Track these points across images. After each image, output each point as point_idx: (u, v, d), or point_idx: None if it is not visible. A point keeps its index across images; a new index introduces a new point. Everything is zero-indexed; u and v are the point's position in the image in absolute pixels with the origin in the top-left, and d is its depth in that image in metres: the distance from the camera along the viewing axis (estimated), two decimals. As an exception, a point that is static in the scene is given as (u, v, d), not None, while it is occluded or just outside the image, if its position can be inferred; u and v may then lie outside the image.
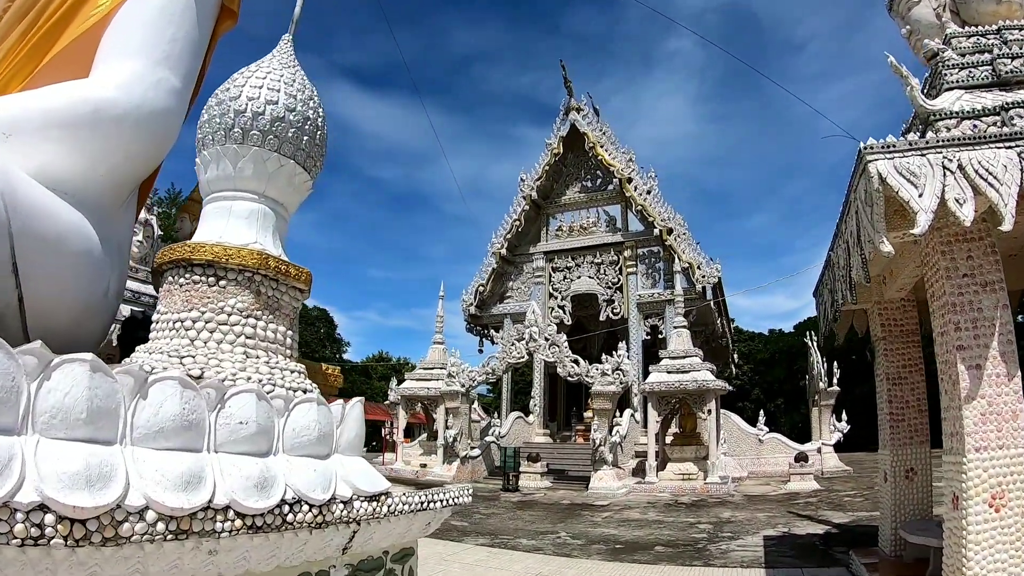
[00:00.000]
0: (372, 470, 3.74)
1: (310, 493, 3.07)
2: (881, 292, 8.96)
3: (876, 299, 9.06)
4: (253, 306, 3.90)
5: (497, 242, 33.63)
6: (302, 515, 3.00)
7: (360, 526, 3.45)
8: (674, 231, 29.08)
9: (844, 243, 6.89)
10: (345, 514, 3.29)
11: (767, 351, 64.63)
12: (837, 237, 7.51)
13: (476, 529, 13.39)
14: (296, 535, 3.02)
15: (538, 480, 22.02)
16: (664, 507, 16.85)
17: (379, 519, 3.57)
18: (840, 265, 7.21)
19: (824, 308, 8.94)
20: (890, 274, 8.37)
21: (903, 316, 8.96)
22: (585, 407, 29.24)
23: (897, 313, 8.97)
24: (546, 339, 22.82)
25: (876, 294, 9.03)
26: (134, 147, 4.00)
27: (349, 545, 3.49)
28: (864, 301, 9.22)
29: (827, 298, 8.63)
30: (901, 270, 7.82)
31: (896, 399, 8.67)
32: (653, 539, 12.00)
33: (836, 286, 7.73)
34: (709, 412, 20.51)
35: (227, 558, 2.73)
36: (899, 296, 8.80)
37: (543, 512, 16.17)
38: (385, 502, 3.58)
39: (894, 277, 8.21)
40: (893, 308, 8.99)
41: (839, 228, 7.32)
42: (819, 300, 9.57)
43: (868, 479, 21.83)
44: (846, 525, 12.77)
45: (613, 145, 32.23)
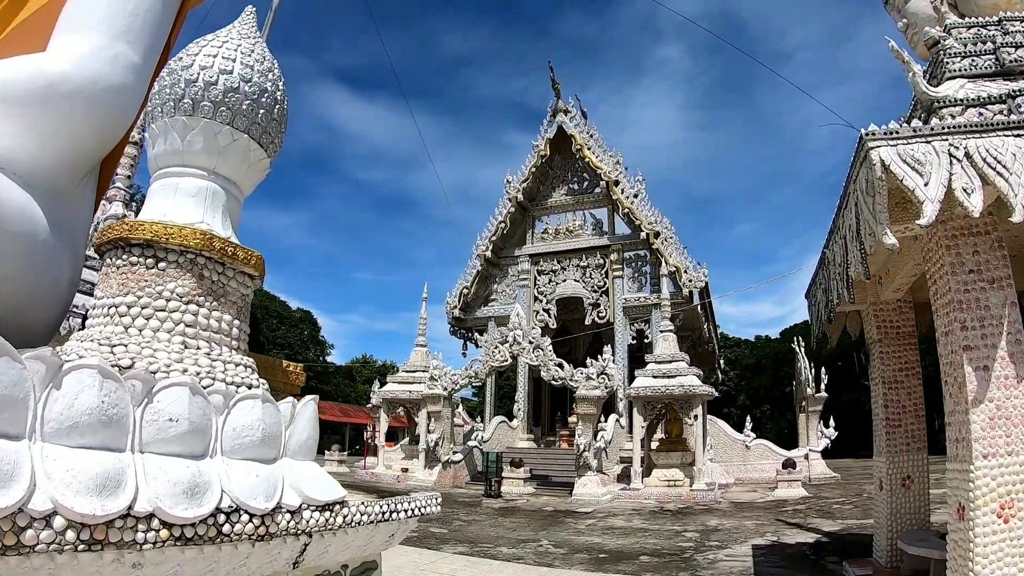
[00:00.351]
0: (326, 477, 3.39)
1: (250, 501, 2.74)
2: (877, 293, 8.64)
3: (872, 300, 8.73)
4: (195, 291, 3.55)
5: (482, 244, 33.22)
6: (241, 526, 2.66)
7: (312, 538, 3.11)
8: (661, 234, 28.75)
9: (841, 238, 6.55)
10: (293, 525, 2.95)
11: (753, 356, 64.45)
12: (833, 233, 7.17)
13: (455, 536, 12.99)
14: (236, 548, 2.69)
15: (521, 486, 21.61)
16: (649, 514, 16.48)
17: (334, 531, 3.22)
18: (836, 262, 6.88)
19: (817, 309, 8.60)
20: (887, 274, 8.04)
21: (900, 318, 8.63)
22: (570, 412, 28.83)
23: (893, 315, 8.64)
24: (530, 342, 22.45)
25: (872, 295, 8.70)
26: (88, 124, 3.66)
27: (301, 559, 3.15)
28: (859, 302, 8.89)
29: (820, 298, 8.29)
30: (899, 269, 7.49)
31: (892, 404, 8.33)
32: (638, 548, 11.62)
33: (831, 285, 7.40)
34: (695, 417, 20.18)
35: (155, 572, 2.38)
36: (895, 297, 8.47)
37: (525, 519, 15.77)
38: (340, 512, 3.23)
39: (891, 277, 7.88)
40: (889, 310, 8.66)
41: (835, 223, 6.98)
42: (811, 301, 9.23)
43: (856, 486, 21.56)
44: (837, 533, 12.43)
45: (600, 148, 31.90)
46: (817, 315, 8.63)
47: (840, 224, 6.63)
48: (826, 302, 7.79)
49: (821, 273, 8.22)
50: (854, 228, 5.82)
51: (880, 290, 8.48)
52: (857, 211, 5.70)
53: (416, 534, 12.98)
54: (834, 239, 7.03)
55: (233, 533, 2.62)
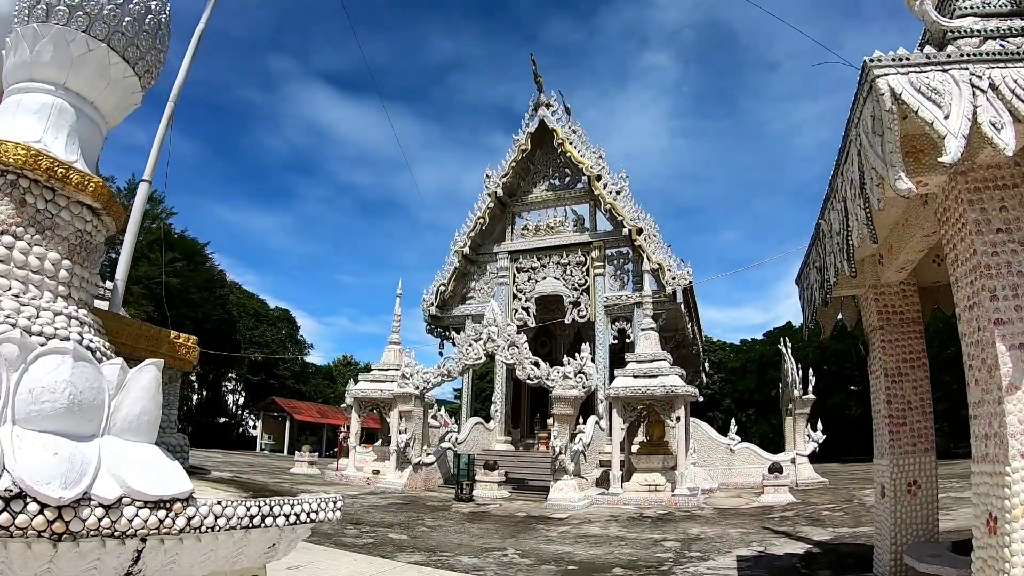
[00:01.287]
0: (168, 466, 2.51)
1: (41, 486, 1.99)
2: (877, 275, 7.65)
3: (871, 283, 7.73)
4: (12, 219, 2.75)
5: (460, 240, 32.14)
6: (27, 517, 1.93)
7: (146, 544, 2.30)
8: (644, 231, 27.79)
9: (840, 201, 5.57)
10: (108, 524, 2.14)
11: (738, 360, 63.73)
12: (829, 199, 6.19)
13: (415, 543, 11.94)
14: (29, 548, 1.96)
15: (495, 490, 20.58)
16: (627, 521, 15.49)
17: (178, 536, 2.39)
18: (834, 231, 5.89)
19: (810, 292, 7.58)
20: (889, 251, 7.04)
21: (903, 303, 7.64)
22: (550, 413, 27.85)
23: (896, 299, 7.65)
24: (505, 340, 21.42)
25: (871, 277, 7.71)
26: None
27: (136, 570, 2.32)
28: (858, 285, 7.90)
29: (814, 280, 7.29)
30: (904, 243, 6.49)
31: (897, 399, 7.34)
32: (612, 559, 10.60)
33: (827, 262, 6.42)
34: (678, 419, 19.23)
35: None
36: (898, 279, 7.48)
37: (495, 525, 14.75)
38: (182, 513, 2.40)
39: (894, 254, 6.89)
40: (891, 294, 7.66)
41: (832, 187, 6.00)
42: (803, 286, 8.23)
43: (846, 491, 20.66)
44: (828, 544, 11.42)
45: (583, 143, 30.90)
46: (810, 300, 7.61)
47: (838, 185, 5.65)
48: (821, 283, 6.80)
49: (814, 251, 7.23)
50: (857, 182, 4.84)
51: (881, 271, 7.50)
52: (861, 160, 4.72)
53: (372, 540, 12.07)
54: (831, 205, 6.06)
55: (15, 526, 1.91)
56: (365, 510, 16.56)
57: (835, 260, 6.00)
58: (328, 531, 12.63)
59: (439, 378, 22.74)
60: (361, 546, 11.35)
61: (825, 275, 6.57)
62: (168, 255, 47.00)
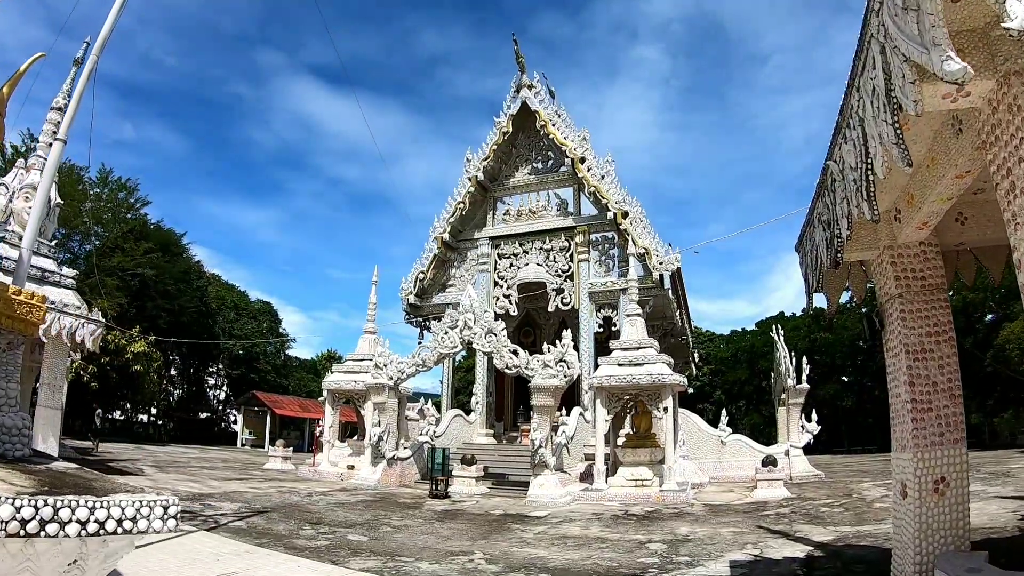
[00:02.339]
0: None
1: None
2: (893, 234, 6.47)
3: (887, 244, 6.54)
4: None
5: (439, 226, 30.84)
6: None
7: None
8: (629, 214, 26.57)
9: (857, 126, 4.39)
10: None
11: (729, 350, 62.80)
12: (838, 132, 5.00)
13: (373, 547, 10.74)
14: None
15: (473, 485, 19.38)
16: (611, 520, 14.33)
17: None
18: (850, 167, 4.72)
19: (815, 255, 6.38)
20: (909, 202, 5.86)
21: (925, 266, 6.45)
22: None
23: (917, 262, 6.45)
24: (482, 327, 20.21)
25: (887, 237, 6.52)
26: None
27: None
28: (870, 247, 6.72)
29: (819, 240, 6.11)
30: (929, 190, 5.31)
31: (920, 380, 6.15)
32: (590, 565, 9.43)
33: (838, 212, 5.25)
34: (665, 410, 18.07)
35: None
36: (919, 238, 6.30)
37: (467, 525, 13.57)
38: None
39: (915, 206, 5.71)
40: (911, 256, 6.47)
41: (843, 114, 4.81)
42: (805, 251, 7.04)
43: (843, 485, 19.59)
44: (832, 546, 10.24)
45: (567, 126, 29.63)
46: (815, 264, 6.42)
47: (852, 107, 4.47)
48: (830, 239, 5.63)
49: (820, 203, 6.04)
50: (882, 89, 3.66)
51: (898, 229, 6.33)
52: (886, 58, 3.55)
53: (328, 542, 10.91)
54: (842, 136, 4.89)
55: None
56: (330, 508, 15.41)
57: (849, 206, 4.84)
58: (282, 532, 11.57)
59: (414, 368, 21.52)
60: (312, 549, 10.20)
61: (836, 229, 5.41)
62: (143, 245, 45.67)
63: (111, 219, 47.21)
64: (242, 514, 13.56)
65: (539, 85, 30.66)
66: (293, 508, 15.10)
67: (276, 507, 15.05)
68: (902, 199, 5.99)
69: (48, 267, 16.78)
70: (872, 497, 16.26)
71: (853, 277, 7.72)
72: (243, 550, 9.74)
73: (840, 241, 5.38)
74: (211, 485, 18.76)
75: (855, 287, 7.74)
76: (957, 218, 6.52)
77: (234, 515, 13.35)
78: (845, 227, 5.14)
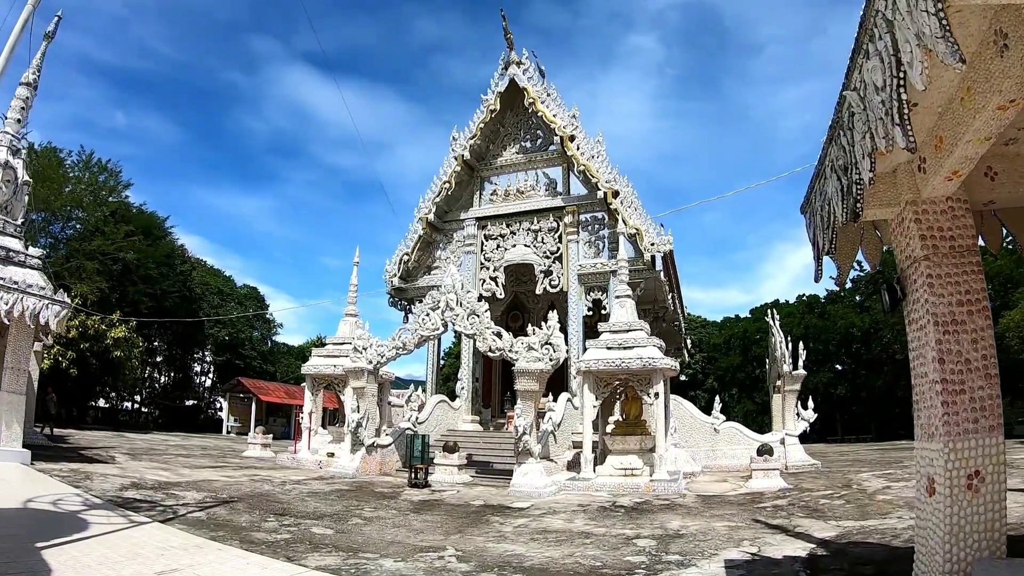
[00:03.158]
0: None
1: None
2: (916, 187, 5.56)
3: (909, 199, 5.63)
4: None
5: (425, 207, 29.81)
6: None
7: None
8: (620, 193, 25.62)
9: (884, 34, 3.52)
10: None
11: (721, 336, 62.02)
12: (858, 52, 4.11)
13: (338, 541, 9.84)
14: None
15: (455, 474, 18.50)
16: (597, 512, 13.43)
17: None
18: (877, 87, 3.81)
19: (828, 209, 5.45)
20: (937, 147, 4.92)
21: (954, 225, 5.52)
22: (521, 390, 25.83)
23: (944, 220, 5.53)
24: (465, 308, 19.27)
25: (909, 190, 5.59)
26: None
27: None
28: (888, 204, 5.81)
29: (832, 192, 5.18)
30: (964, 128, 4.38)
31: (951, 357, 5.23)
32: (570, 565, 8.51)
33: (857, 152, 4.36)
34: (656, 396, 17.18)
35: None
36: (946, 192, 5.38)
37: (443, 517, 12.68)
38: None
39: (944, 151, 4.79)
40: (938, 212, 5.54)
41: (864, 29, 3.92)
42: (814, 208, 6.13)
43: (841, 475, 18.73)
44: (835, 543, 9.33)
45: (556, 104, 28.61)
46: (827, 221, 5.49)
47: (880, 8, 3.57)
48: (847, 188, 4.72)
49: (833, 148, 5.12)
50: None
51: (922, 181, 5.42)
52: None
53: (289, 536, 10.03)
54: (863, 55, 3.99)
55: None
56: (301, 498, 14.53)
57: (874, 139, 3.96)
58: (243, 524, 10.70)
59: (394, 351, 20.57)
60: (270, 544, 9.31)
61: (854, 174, 4.51)
62: (123, 228, 44.59)
63: (92, 202, 46.09)
64: (205, 504, 12.69)
65: (528, 62, 29.59)
66: (262, 498, 14.22)
67: (244, 497, 14.17)
68: (928, 145, 5.08)
69: (12, 247, 16.07)
70: (873, 488, 15.40)
71: (866, 242, 6.80)
72: (193, 544, 8.88)
73: (860, 188, 4.48)
74: (181, 473, 17.85)
75: (868, 253, 6.82)
76: (986, 173, 5.65)
77: (196, 505, 12.49)
78: (868, 169, 4.25)
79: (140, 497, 12.85)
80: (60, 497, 11.73)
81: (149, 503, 12.14)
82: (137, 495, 13.08)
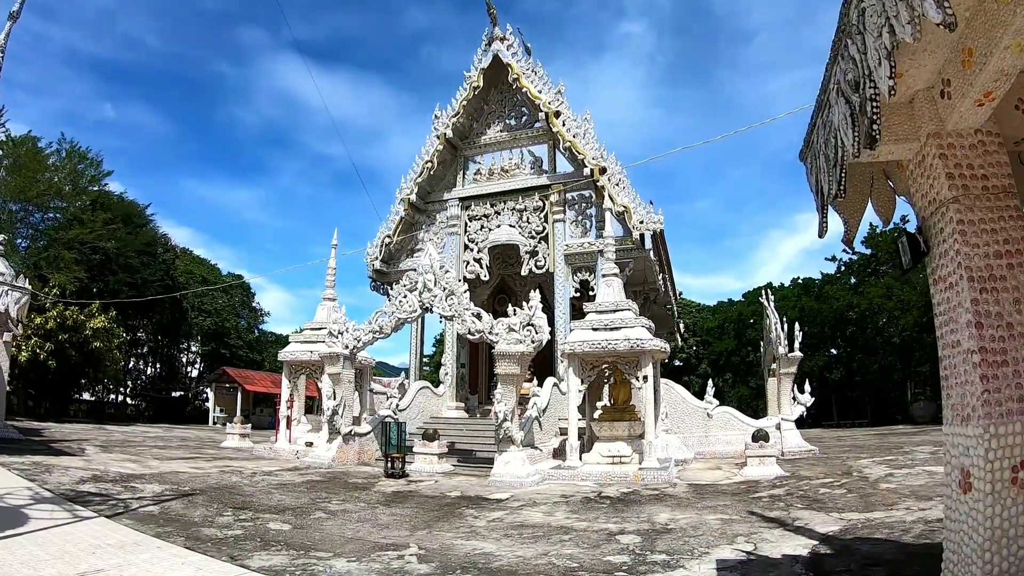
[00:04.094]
0: None
1: None
2: (940, 117, 4.57)
3: (931, 131, 4.64)
4: None
5: (407, 187, 28.66)
6: None
7: None
8: (607, 170, 24.59)
9: None
10: None
11: (715, 320, 61.14)
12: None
13: (292, 538, 8.88)
14: None
15: (435, 463, 17.54)
16: (581, 503, 12.48)
17: None
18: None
19: (836, 142, 4.47)
20: (965, 63, 3.92)
21: (986, 162, 4.53)
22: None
23: (975, 156, 4.53)
24: (443, 289, 18.26)
25: (931, 121, 4.59)
26: None
27: None
28: (904, 138, 4.83)
29: (841, 116, 4.21)
30: (995, 35, 3.43)
31: (991, 320, 4.24)
32: (543, 566, 7.54)
33: (870, 60, 3.43)
34: (645, 379, 16.22)
35: None
36: (976, 121, 4.39)
37: (414, 510, 11.72)
38: None
39: (974, 65, 3.81)
40: (967, 147, 4.54)
41: None
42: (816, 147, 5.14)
43: (839, 461, 17.84)
44: (839, 538, 8.38)
45: (542, 81, 27.48)
46: (834, 157, 4.49)
47: None
48: (859, 107, 3.76)
49: (839, 66, 4.15)
50: None
51: (947, 110, 4.44)
52: None
53: (241, 532, 9.17)
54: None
55: None
56: (267, 490, 13.61)
57: (895, 31, 3.04)
58: (195, 519, 9.87)
59: (370, 335, 19.56)
60: (217, 541, 8.44)
61: (868, 89, 3.57)
62: (101, 216, 43.48)
63: (72, 191, 44.93)
64: (163, 498, 11.88)
65: (512, 38, 28.41)
66: (226, 490, 13.33)
67: (207, 489, 13.31)
68: (953, 63, 4.12)
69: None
70: (875, 476, 14.48)
71: (877, 193, 5.83)
72: (132, 541, 8.10)
73: (877, 103, 3.54)
74: (150, 465, 17.01)
75: (880, 205, 5.85)
76: (1017, 105, 4.70)
77: (153, 499, 11.68)
78: (886, 76, 3.33)
79: (96, 491, 12.18)
80: (9, 491, 11.14)
81: (103, 496, 11.49)
82: (93, 488, 12.42)
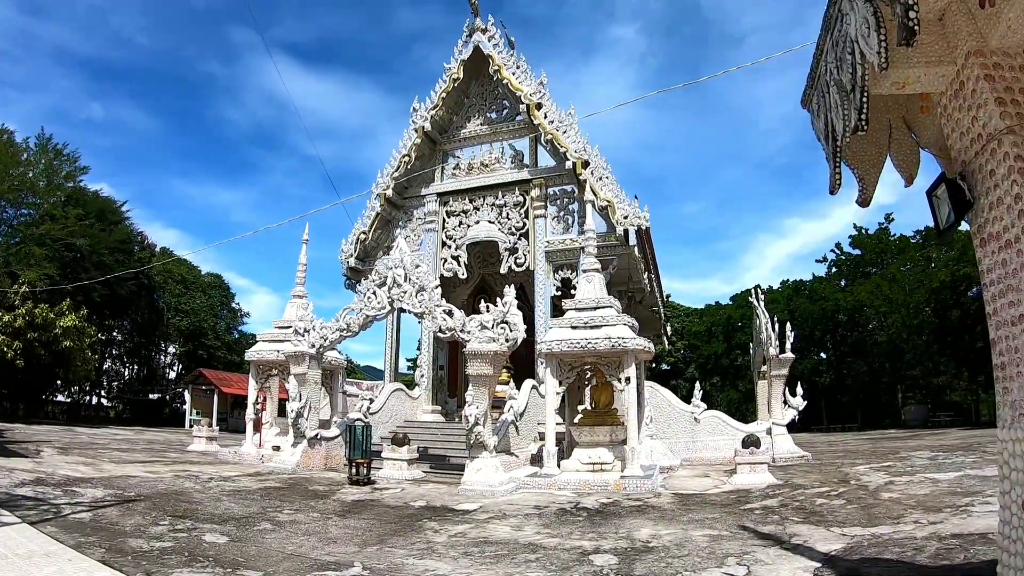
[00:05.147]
0: None
1: None
2: (980, 32, 3.52)
3: (972, 48, 3.58)
4: None
5: (383, 182, 27.52)
6: None
7: None
8: (590, 164, 23.56)
9: None
10: None
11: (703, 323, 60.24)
12: None
13: (223, 552, 7.76)
14: None
15: (404, 469, 16.40)
16: (555, 516, 11.34)
17: None
18: None
19: (852, 60, 3.43)
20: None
21: (1047, 88, 3.52)
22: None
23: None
24: (413, 284, 17.15)
25: (969, 37, 3.54)
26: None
27: None
28: (935, 60, 3.79)
29: (856, 31, 3.18)
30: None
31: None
32: (500, 594, 6.50)
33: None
34: (627, 381, 15.16)
35: None
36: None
37: (370, 521, 10.61)
38: None
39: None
40: (1017, 68, 3.53)
41: None
42: (822, 81, 4.09)
43: (834, 468, 16.79)
44: (844, 559, 7.25)
45: (524, 73, 26.42)
46: (854, 77, 3.44)
47: None
48: (879, 14, 2.74)
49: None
50: None
51: (989, 23, 3.39)
52: None
53: (171, 544, 8.17)
54: None
55: None
56: (217, 498, 12.50)
57: None
58: (126, 528, 8.93)
59: (337, 334, 18.43)
60: (140, 554, 7.47)
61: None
62: (73, 212, 42.33)
63: (46, 187, 43.78)
64: (101, 504, 10.99)
65: (494, 29, 27.34)
66: (172, 497, 12.31)
67: (153, 495, 12.32)
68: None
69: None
70: (875, 484, 13.42)
71: (896, 145, 4.78)
72: (43, 552, 7.23)
73: (909, 18, 2.50)
74: (103, 469, 16.07)
75: (901, 160, 4.79)
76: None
77: (89, 505, 10.83)
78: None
79: (32, 494, 11.40)
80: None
81: (37, 501, 10.77)
82: (30, 492, 11.63)
